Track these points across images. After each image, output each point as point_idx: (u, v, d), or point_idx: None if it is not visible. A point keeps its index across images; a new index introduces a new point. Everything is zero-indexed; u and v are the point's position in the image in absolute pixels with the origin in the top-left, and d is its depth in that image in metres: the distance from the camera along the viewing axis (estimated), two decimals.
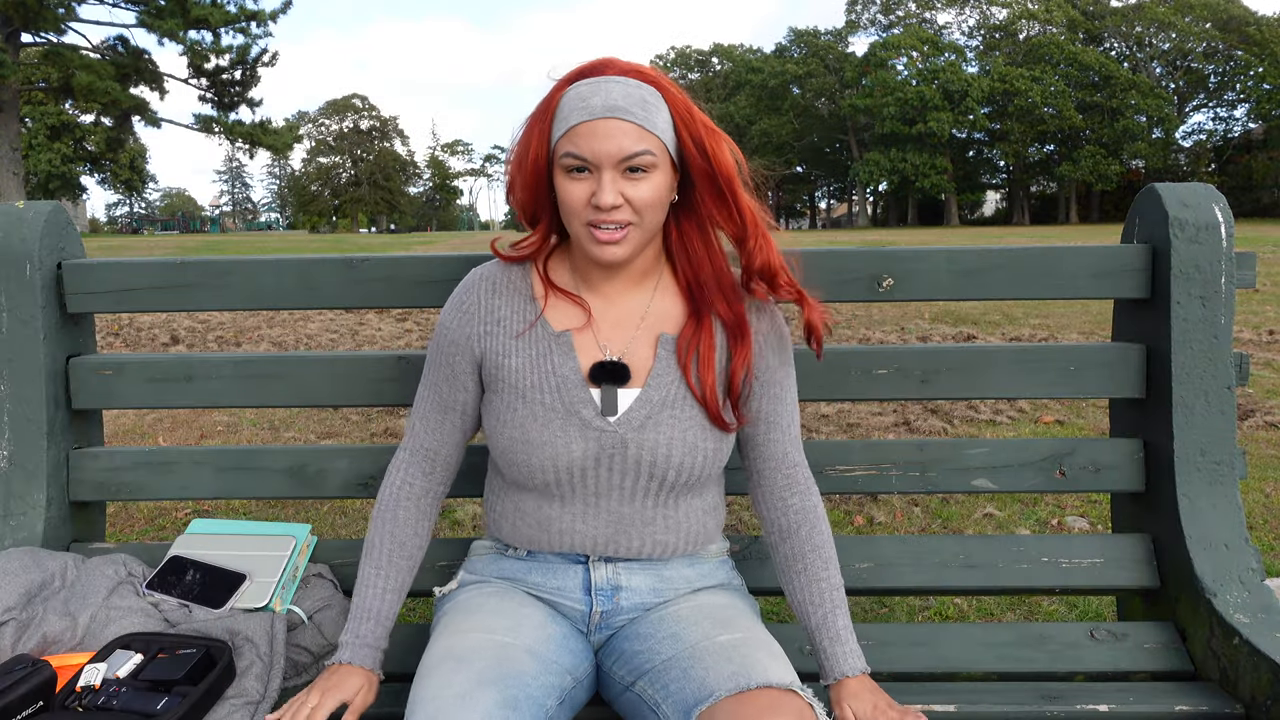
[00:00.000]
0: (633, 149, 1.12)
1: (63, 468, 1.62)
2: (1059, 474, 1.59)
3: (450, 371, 1.28)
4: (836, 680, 1.22)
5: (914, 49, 55.43)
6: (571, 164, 1.13)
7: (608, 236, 1.14)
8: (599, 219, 1.14)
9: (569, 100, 1.14)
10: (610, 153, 1.11)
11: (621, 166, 1.12)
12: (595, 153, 1.11)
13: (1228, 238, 1.50)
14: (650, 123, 1.13)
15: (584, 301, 1.25)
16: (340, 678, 1.22)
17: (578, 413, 1.20)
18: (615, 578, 1.26)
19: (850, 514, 3.13)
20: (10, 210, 1.59)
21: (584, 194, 1.14)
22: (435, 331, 1.31)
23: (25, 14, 22.00)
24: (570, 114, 1.13)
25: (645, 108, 1.13)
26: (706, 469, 1.24)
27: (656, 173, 1.14)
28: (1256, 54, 48.84)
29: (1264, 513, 3.10)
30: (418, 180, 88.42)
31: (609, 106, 1.11)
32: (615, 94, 1.12)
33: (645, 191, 1.13)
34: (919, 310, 8.76)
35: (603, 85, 1.13)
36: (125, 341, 7.29)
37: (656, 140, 1.14)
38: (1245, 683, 1.32)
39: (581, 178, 1.14)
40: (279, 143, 27.57)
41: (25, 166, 33.54)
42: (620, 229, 1.14)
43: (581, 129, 1.12)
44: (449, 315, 1.29)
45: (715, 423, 1.22)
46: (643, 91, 1.14)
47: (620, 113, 1.11)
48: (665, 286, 1.28)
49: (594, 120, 1.11)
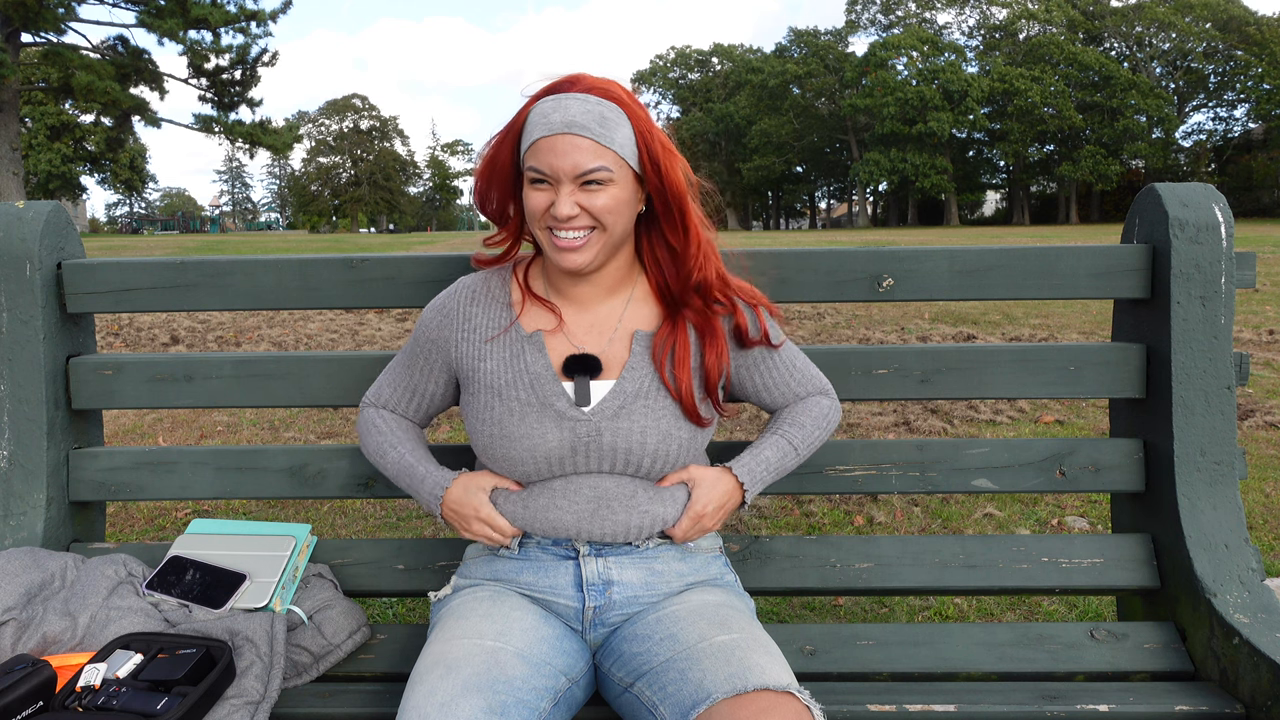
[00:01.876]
0: (588, 165, 1.18)
1: (63, 468, 1.62)
2: (1059, 474, 1.59)
3: (427, 365, 1.38)
4: (723, 466, 1.34)
5: (914, 49, 55.42)
6: (533, 176, 1.21)
7: (567, 243, 1.22)
8: (558, 226, 1.21)
9: (533, 116, 1.21)
10: (566, 168, 1.18)
11: (579, 180, 1.18)
12: (553, 167, 1.18)
13: (1228, 238, 1.50)
14: (608, 139, 1.18)
15: (557, 307, 1.32)
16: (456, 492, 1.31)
17: (552, 405, 1.25)
18: (606, 572, 1.27)
19: (850, 514, 3.13)
20: (10, 210, 1.59)
21: (544, 203, 1.21)
22: (418, 320, 1.40)
23: (25, 14, 21.99)
24: (533, 129, 1.20)
25: (604, 124, 1.18)
26: (683, 457, 1.28)
27: (614, 185, 1.20)
28: (1256, 54, 48.85)
29: (1264, 513, 3.10)
30: (418, 180, 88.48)
31: (567, 123, 1.17)
32: (574, 111, 1.18)
33: (602, 201, 1.20)
34: (919, 310, 8.76)
35: (564, 102, 1.19)
36: (125, 341, 7.29)
37: (613, 155, 1.19)
38: (1245, 683, 1.32)
39: (542, 189, 1.21)
40: (279, 143, 27.56)
41: (25, 166, 33.58)
42: (581, 235, 1.21)
43: (542, 144, 1.18)
44: (430, 314, 1.38)
45: (690, 417, 1.27)
46: (603, 108, 1.19)
47: (577, 129, 1.17)
48: (641, 296, 1.34)
49: (553, 136, 1.18)
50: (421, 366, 1.38)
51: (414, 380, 1.40)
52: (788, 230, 65.76)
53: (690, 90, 74.11)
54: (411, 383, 1.40)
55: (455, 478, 1.33)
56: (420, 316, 1.38)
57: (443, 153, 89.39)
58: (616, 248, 1.27)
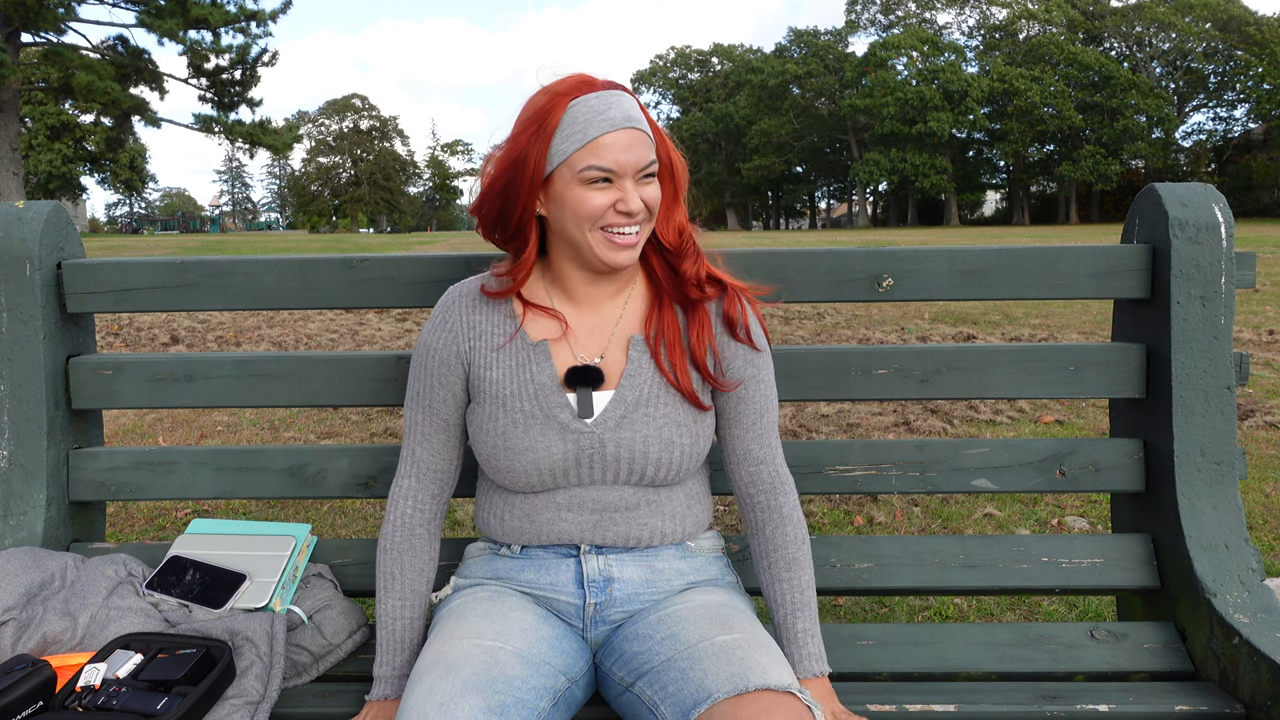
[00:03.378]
0: (650, 157, 1.20)
1: (63, 468, 1.62)
2: (1059, 474, 1.59)
3: (443, 391, 1.30)
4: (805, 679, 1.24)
5: (914, 49, 55.42)
6: (595, 175, 1.17)
7: (625, 240, 1.21)
8: (621, 223, 1.20)
9: (581, 114, 1.16)
10: (633, 162, 1.18)
11: (640, 174, 1.19)
12: (620, 163, 1.17)
13: (1228, 238, 1.50)
14: (650, 131, 1.22)
15: (559, 314, 1.30)
16: (384, 712, 1.25)
17: (555, 417, 1.24)
18: (607, 569, 1.28)
19: (850, 514, 3.13)
20: (10, 210, 1.59)
21: (606, 201, 1.19)
22: (417, 353, 1.33)
23: (25, 14, 21.98)
24: (588, 127, 1.16)
25: (643, 117, 1.22)
26: (684, 463, 1.27)
27: (657, 177, 1.24)
28: (1256, 54, 48.85)
29: (1264, 513, 3.10)
30: (418, 180, 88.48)
31: (628, 118, 1.18)
32: (627, 106, 1.19)
33: (654, 192, 1.23)
34: (919, 310, 8.76)
35: (613, 99, 1.18)
36: (125, 341, 7.29)
37: (654, 147, 1.22)
38: (1245, 683, 1.32)
39: (603, 187, 1.18)
40: (279, 143, 27.55)
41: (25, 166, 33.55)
42: (637, 234, 1.22)
43: (605, 141, 1.16)
44: (433, 335, 1.31)
45: (691, 400, 1.26)
46: (635, 103, 1.22)
47: (637, 123, 1.19)
48: (638, 295, 1.33)
49: (617, 131, 1.17)
50: (441, 397, 1.30)
51: (440, 417, 1.31)
52: (788, 230, 65.77)
53: (690, 90, 74.11)
54: (438, 422, 1.31)
55: (399, 690, 1.26)
56: (419, 344, 1.33)
57: (443, 153, 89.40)
58: None
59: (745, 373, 1.31)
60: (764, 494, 1.32)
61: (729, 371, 1.31)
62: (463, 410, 1.32)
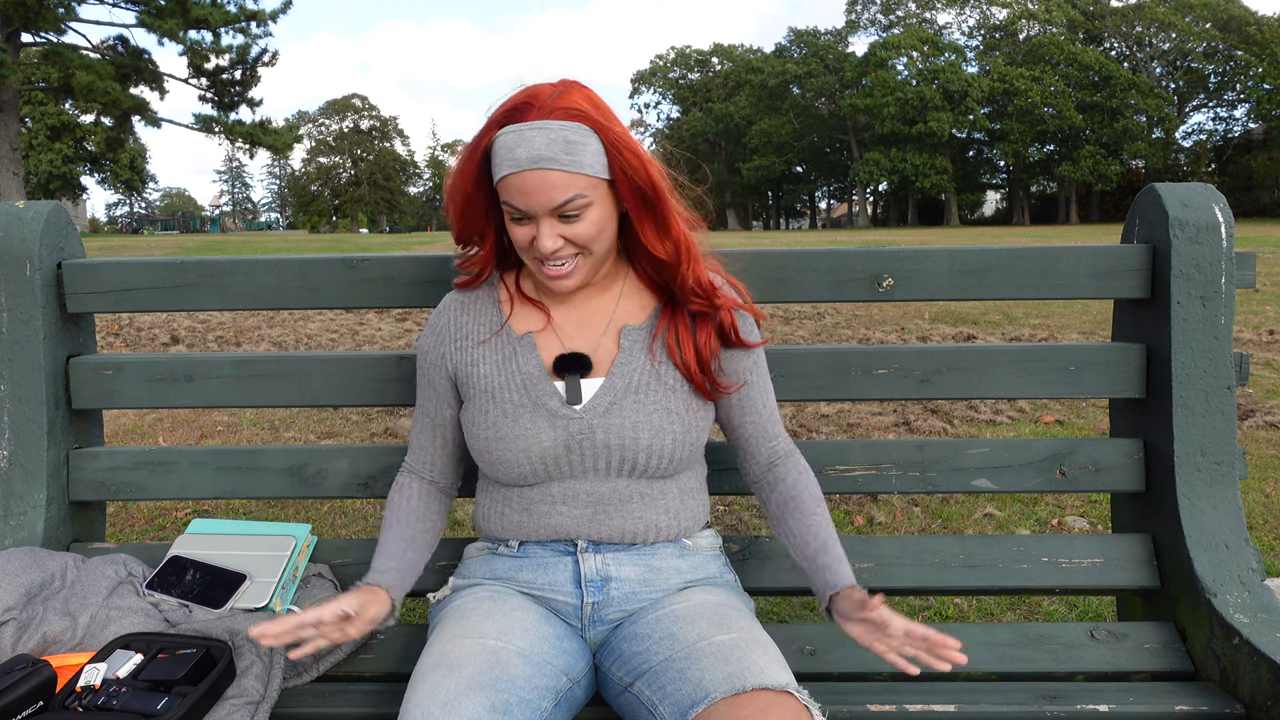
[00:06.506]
0: (561, 198, 1.15)
1: (63, 468, 1.62)
2: (1059, 474, 1.59)
3: (434, 392, 1.35)
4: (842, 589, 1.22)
5: (914, 49, 55.42)
6: (510, 213, 1.19)
7: (556, 272, 1.22)
8: (543, 258, 1.20)
9: (499, 148, 1.16)
10: (541, 204, 1.16)
11: (555, 214, 1.17)
12: (529, 205, 1.17)
13: (1228, 238, 1.50)
14: (577, 165, 1.14)
15: (546, 307, 1.32)
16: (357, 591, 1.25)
17: (544, 404, 1.25)
18: (604, 568, 1.28)
19: (850, 514, 3.13)
20: (10, 210, 1.59)
21: (527, 237, 1.20)
22: (416, 357, 1.38)
23: (25, 14, 21.98)
24: (501, 164, 1.16)
25: (570, 150, 1.14)
26: (677, 452, 1.27)
27: (592, 208, 1.18)
28: (1256, 54, 48.86)
29: (1264, 513, 3.10)
30: (418, 180, 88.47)
31: (533, 158, 1.13)
32: (538, 144, 1.13)
33: (583, 228, 1.18)
34: (919, 310, 8.76)
35: (525, 135, 1.14)
36: (125, 341, 7.29)
37: (585, 179, 1.15)
38: (1245, 683, 1.32)
39: (524, 224, 1.20)
40: (279, 143, 27.55)
41: (25, 166, 33.55)
42: (568, 263, 1.21)
43: (512, 181, 1.16)
44: (425, 339, 1.37)
45: (701, 392, 1.28)
46: (565, 132, 1.14)
47: (545, 163, 1.13)
48: (631, 290, 1.33)
49: (521, 173, 1.15)
50: (431, 398, 1.36)
51: (431, 417, 1.37)
52: (788, 230, 65.73)
53: (690, 90, 74.10)
54: (431, 422, 1.37)
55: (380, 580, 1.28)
56: (416, 347, 1.38)
57: (443, 153, 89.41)
58: (604, 262, 1.27)
59: (745, 363, 1.34)
60: (782, 462, 1.37)
61: (727, 372, 1.32)
62: (453, 411, 1.35)
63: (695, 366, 1.28)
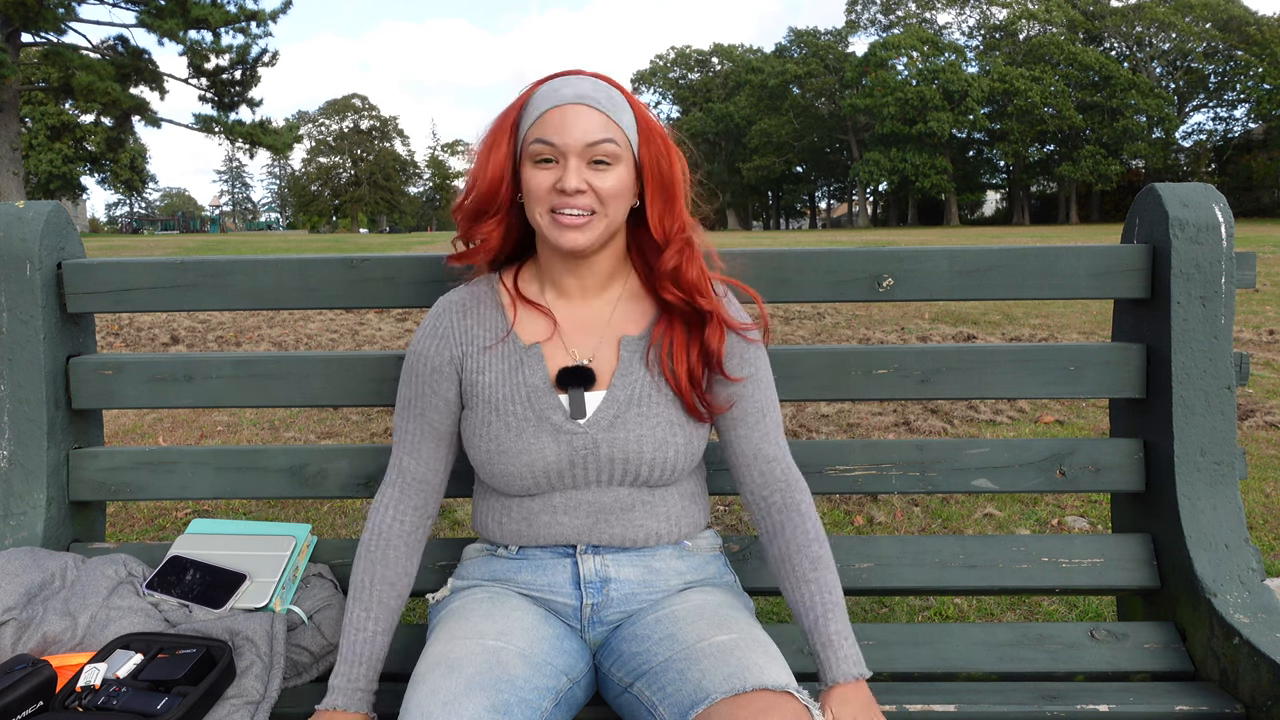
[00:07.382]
0: (598, 135, 1.18)
1: (63, 468, 1.62)
2: (1059, 474, 1.59)
3: (435, 399, 1.30)
4: (829, 686, 1.17)
5: (914, 49, 55.42)
6: (540, 151, 1.19)
7: (569, 221, 1.19)
8: (563, 203, 1.19)
9: (540, 93, 1.22)
10: (577, 138, 1.17)
11: (587, 156, 1.18)
12: (563, 137, 1.17)
13: (1228, 238, 1.50)
14: (616, 115, 1.20)
15: (550, 312, 1.30)
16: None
17: (548, 419, 1.24)
18: (604, 569, 1.27)
19: (850, 514, 3.13)
20: (10, 210, 1.59)
21: (549, 180, 1.19)
22: (408, 362, 1.32)
23: (25, 14, 21.97)
24: (541, 103, 1.20)
25: (612, 102, 1.21)
26: (680, 463, 1.26)
27: (620, 165, 1.20)
28: (1256, 54, 48.86)
29: (1264, 513, 3.10)
30: (418, 180, 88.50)
31: (578, 95, 1.19)
32: (584, 86, 1.20)
33: (609, 181, 1.19)
34: (919, 310, 8.76)
35: (573, 79, 1.21)
36: (125, 341, 7.29)
37: (620, 132, 1.20)
38: (1245, 683, 1.32)
39: (548, 166, 1.19)
40: (279, 143, 27.54)
41: (25, 166, 33.55)
42: (583, 215, 1.19)
43: (552, 114, 1.18)
44: (424, 342, 1.31)
45: (691, 413, 1.26)
46: (610, 91, 1.22)
47: (588, 100, 1.19)
48: (630, 292, 1.33)
49: (564, 106, 1.18)
50: (432, 405, 1.29)
51: (430, 426, 1.30)
52: (788, 230, 65.74)
53: (690, 90, 74.11)
54: (428, 431, 1.30)
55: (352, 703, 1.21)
56: (410, 351, 1.32)
57: (443, 153, 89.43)
58: (612, 234, 1.25)
59: (742, 371, 1.30)
60: (779, 493, 1.28)
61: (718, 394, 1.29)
62: (455, 418, 1.31)
63: (686, 383, 1.25)
